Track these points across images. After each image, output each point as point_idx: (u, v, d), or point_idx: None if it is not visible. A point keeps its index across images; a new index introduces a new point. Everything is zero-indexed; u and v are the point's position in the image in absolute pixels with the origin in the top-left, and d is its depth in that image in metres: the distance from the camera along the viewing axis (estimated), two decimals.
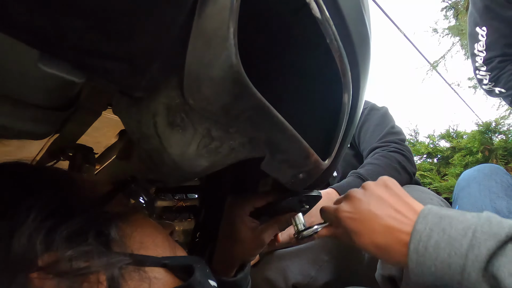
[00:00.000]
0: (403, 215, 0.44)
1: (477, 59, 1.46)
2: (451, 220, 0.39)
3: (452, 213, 0.41)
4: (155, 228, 0.39)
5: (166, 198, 0.76)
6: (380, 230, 0.44)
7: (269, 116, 0.30)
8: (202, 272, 0.37)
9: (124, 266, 0.31)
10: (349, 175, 1.03)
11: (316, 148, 0.38)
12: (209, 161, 0.32)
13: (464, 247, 0.36)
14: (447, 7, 4.54)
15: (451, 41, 4.76)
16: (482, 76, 1.48)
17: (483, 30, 1.40)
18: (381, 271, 0.86)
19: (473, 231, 0.37)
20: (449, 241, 0.38)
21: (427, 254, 0.39)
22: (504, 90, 1.45)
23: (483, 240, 0.36)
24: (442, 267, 0.38)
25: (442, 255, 0.38)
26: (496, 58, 1.41)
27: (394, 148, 1.09)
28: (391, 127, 1.19)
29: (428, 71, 5.02)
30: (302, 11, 0.30)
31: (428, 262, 0.39)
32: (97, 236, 0.31)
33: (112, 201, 0.37)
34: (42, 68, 0.24)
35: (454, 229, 0.38)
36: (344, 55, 0.34)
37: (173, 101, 0.27)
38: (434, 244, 0.39)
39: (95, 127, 0.53)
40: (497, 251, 0.35)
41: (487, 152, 2.10)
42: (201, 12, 0.24)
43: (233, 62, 0.24)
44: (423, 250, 0.39)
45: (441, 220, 0.40)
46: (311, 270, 1.05)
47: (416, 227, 0.41)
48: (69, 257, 0.28)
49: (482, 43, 1.42)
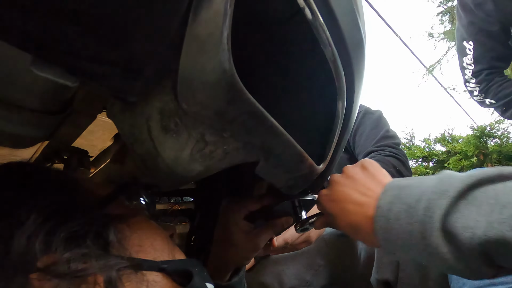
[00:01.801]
0: (372, 190, 0.43)
1: (466, 72, 1.52)
2: (410, 189, 0.39)
3: (412, 181, 0.40)
4: (155, 231, 0.39)
5: (162, 201, 0.76)
6: (351, 208, 0.43)
7: (263, 121, 0.30)
8: (200, 275, 0.37)
9: (122, 268, 0.31)
10: None
11: (310, 152, 0.38)
12: (203, 166, 0.32)
13: (420, 212, 0.36)
14: (443, 12, 4.59)
15: (446, 46, 4.80)
16: (472, 88, 1.53)
17: (470, 45, 1.46)
18: (376, 275, 0.86)
19: (427, 194, 0.36)
20: (407, 209, 0.37)
21: (390, 227, 0.38)
22: (494, 101, 1.49)
23: (435, 200, 0.35)
24: (405, 237, 0.37)
25: (404, 225, 0.37)
26: (484, 71, 1.46)
27: (390, 152, 1.10)
28: (386, 131, 1.20)
29: (424, 75, 5.06)
30: (296, 16, 0.30)
31: (393, 236, 0.38)
32: (95, 238, 0.31)
33: (113, 202, 0.38)
34: (35, 72, 0.24)
35: (411, 197, 0.37)
36: (338, 60, 0.34)
37: (166, 105, 0.27)
38: (394, 216, 0.38)
39: (90, 130, 0.53)
40: (450, 209, 0.34)
41: (482, 156, 2.11)
42: (194, 17, 0.24)
43: (226, 67, 0.24)
44: (386, 224, 0.38)
45: (400, 191, 0.39)
46: (307, 274, 1.04)
47: (378, 203, 0.40)
48: (67, 259, 0.28)
49: (470, 56, 1.47)
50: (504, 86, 1.43)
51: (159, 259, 0.35)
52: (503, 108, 1.48)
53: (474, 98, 1.56)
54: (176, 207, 0.75)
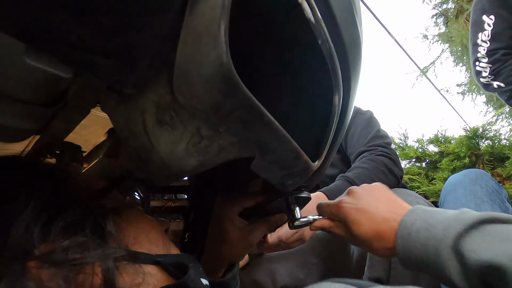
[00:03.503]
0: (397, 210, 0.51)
1: (480, 49, 1.40)
2: (434, 214, 0.46)
3: (436, 209, 0.48)
4: (150, 224, 0.39)
5: (156, 198, 0.76)
6: (379, 220, 0.51)
7: (259, 116, 0.30)
8: (195, 270, 0.37)
9: (119, 258, 0.31)
10: (338, 179, 1.04)
11: (306, 149, 0.38)
12: (198, 160, 0.32)
13: (439, 232, 0.43)
14: (438, 14, 4.63)
15: (440, 48, 4.85)
16: (481, 68, 1.41)
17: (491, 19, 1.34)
18: (369, 274, 0.87)
19: (448, 219, 0.44)
20: (428, 228, 0.45)
21: (410, 239, 0.46)
22: (503, 84, 1.39)
23: (454, 225, 0.42)
24: (422, 248, 0.44)
25: (422, 239, 0.44)
26: (500, 50, 1.36)
27: (381, 152, 1.10)
28: (377, 131, 1.21)
29: (418, 77, 5.09)
30: (294, 11, 0.30)
31: (410, 245, 0.46)
32: (93, 228, 0.31)
33: (107, 196, 0.38)
34: (28, 61, 0.24)
35: (434, 220, 0.45)
36: (335, 56, 0.34)
37: (162, 98, 0.27)
38: (415, 230, 0.46)
39: (83, 125, 0.52)
40: (463, 233, 0.41)
41: (474, 157, 2.14)
42: (192, 8, 0.23)
43: (223, 60, 0.24)
44: (407, 235, 0.46)
45: (425, 213, 0.47)
46: (300, 273, 1.05)
47: (403, 217, 0.49)
48: (65, 248, 0.29)
49: (487, 32, 1.36)
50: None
51: (154, 252, 0.35)
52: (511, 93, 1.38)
53: (481, 80, 1.44)
54: (170, 204, 0.75)
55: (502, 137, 2.26)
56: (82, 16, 0.21)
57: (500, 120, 4.43)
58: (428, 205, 0.96)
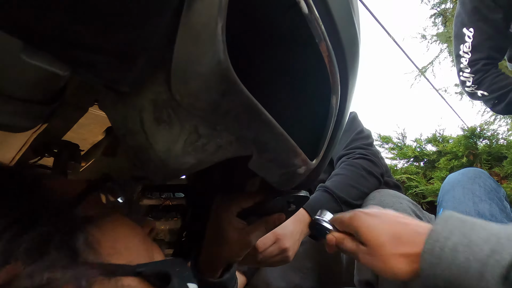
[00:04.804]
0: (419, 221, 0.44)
1: (462, 60, 1.48)
2: (474, 226, 0.37)
3: (475, 220, 0.39)
4: (131, 230, 0.36)
5: (153, 196, 0.75)
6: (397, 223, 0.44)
7: (257, 114, 0.30)
8: (181, 276, 0.35)
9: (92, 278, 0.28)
10: (317, 190, 1.02)
11: (304, 148, 0.38)
12: (196, 159, 0.32)
13: (485, 252, 0.34)
14: (436, 14, 4.63)
15: (439, 48, 4.86)
16: (465, 78, 1.49)
17: (470, 32, 1.41)
18: (358, 277, 0.87)
19: (497, 237, 0.35)
20: (469, 245, 0.36)
21: (443, 256, 0.37)
22: (486, 93, 1.46)
23: (507, 246, 0.34)
24: (458, 271, 0.35)
25: (460, 258, 0.35)
26: (481, 61, 1.43)
27: (359, 155, 1.09)
28: (357, 133, 1.20)
29: (417, 77, 5.11)
30: (292, 10, 0.30)
31: (443, 264, 0.36)
32: (62, 246, 0.28)
33: (86, 202, 0.35)
34: (25, 59, 0.24)
35: (476, 235, 0.36)
36: (333, 55, 0.34)
37: (160, 96, 0.27)
38: (452, 246, 0.36)
39: (81, 123, 0.52)
40: None
41: (471, 157, 2.15)
42: (189, 6, 0.23)
43: (221, 58, 0.24)
44: (439, 251, 0.37)
45: (463, 224, 0.38)
46: (295, 277, 1.05)
47: (434, 227, 0.39)
48: (30, 272, 0.26)
49: (468, 44, 1.43)
50: (499, 78, 1.42)
51: (135, 262, 0.33)
52: (495, 101, 1.46)
53: (466, 89, 1.53)
54: (168, 203, 0.75)
55: (499, 137, 2.27)
56: (79, 14, 0.21)
57: (498, 119, 4.44)
58: (416, 208, 0.94)
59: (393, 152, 2.68)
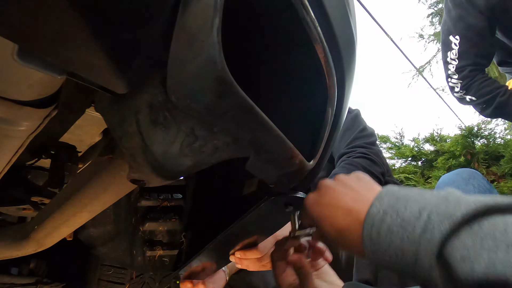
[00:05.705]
0: (365, 197, 0.39)
1: (450, 67, 1.52)
2: (408, 201, 0.35)
3: (411, 193, 0.36)
4: None
5: (151, 198, 0.75)
6: (341, 213, 0.40)
7: (253, 116, 0.30)
8: None
9: None
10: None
11: (301, 149, 0.38)
12: (193, 160, 0.31)
13: (417, 230, 0.32)
14: (433, 14, 4.65)
15: (436, 47, 4.86)
16: (453, 84, 1.54)
17: (456, 39, 1.46)
18: (357, 277, 0.87)
19: (428, 212, 0.33)
20: (402, 224, 0.33)
21: (380, 241, 0.35)
22: (474, 98, 1.50)
23: (438, 222, 0.31)
24: (396, 254, 0.34)
25: (395, 241, 0.33)
26: (467, 67, 1.47)
27: (360, 154, 1.09)
28: (359, 131, 1.19)
29: (414, 76, 5.12)
30: (288, 11, 0.30)
31: (382, 249, 0.35)
32: None
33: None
34: (20, 62, 0.23)
35: (408, 211, 0.34)
36: (329, 57, 0.34)
37: (156, 98, 0.27)
38: (386, 228, 0.34)
39: (78, 125, 0.52)
40: (451, 234, 0.30)
41: (469, 156, 2.15)
42: (185, 8, 0.23)
43: (216, 60, 0.24)
44: (376, 235, 0.35)
45: (397, 201, 0.36)
46: None
47: (369, 210, 0.37)
48: None
49: (455, 51, 1.48)
50: (486, 83, 1.46)
51: None
52: (483, 105, 1.50)
53: (455, 95, 1.58)
54: (166, 204, 0.75)
55: (497, 136, 2.28)
56: (74, 16, 0.20)
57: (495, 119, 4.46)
58: None
59: (391, 152, 2.68)
